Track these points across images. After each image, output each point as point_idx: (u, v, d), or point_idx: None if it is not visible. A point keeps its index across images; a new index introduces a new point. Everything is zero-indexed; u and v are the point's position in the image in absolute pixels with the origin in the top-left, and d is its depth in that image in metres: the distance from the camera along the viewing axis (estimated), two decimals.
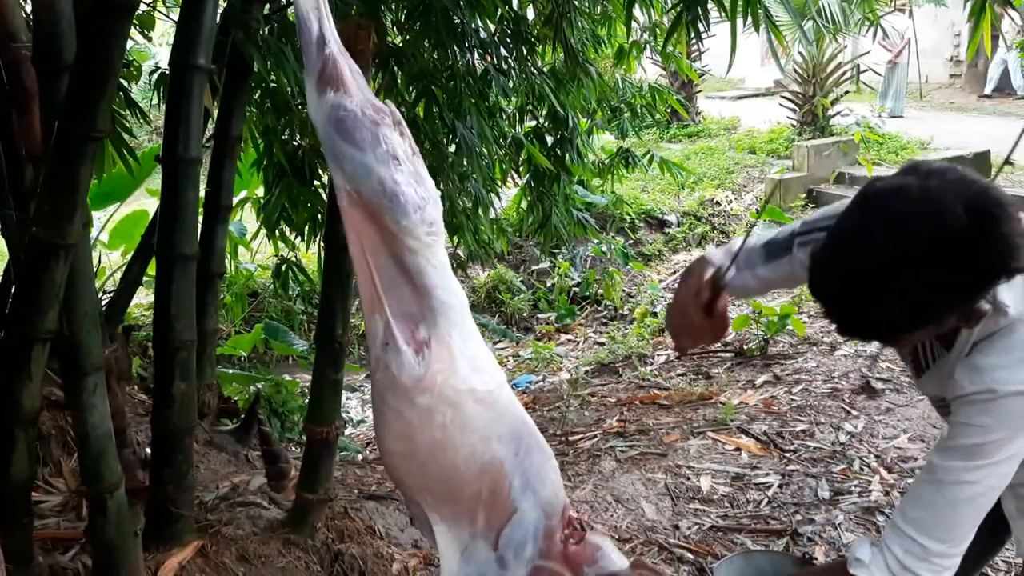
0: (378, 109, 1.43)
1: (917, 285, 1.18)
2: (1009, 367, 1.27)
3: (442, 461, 1.46)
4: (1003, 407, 1.26)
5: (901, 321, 1.23)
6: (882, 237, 1.19)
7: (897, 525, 1.35)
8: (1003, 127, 12.95)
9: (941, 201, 1.17)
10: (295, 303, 7.49)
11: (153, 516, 2.13)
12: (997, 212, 1.17)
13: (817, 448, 3.74)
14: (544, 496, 1.54)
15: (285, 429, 4.47)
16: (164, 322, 2.09)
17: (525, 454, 1.52)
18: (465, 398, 1.45)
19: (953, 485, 1.30)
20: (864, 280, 1.21)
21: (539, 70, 4.15)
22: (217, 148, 3.02)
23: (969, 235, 1.16)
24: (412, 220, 1.41)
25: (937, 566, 1.31)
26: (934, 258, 1.17)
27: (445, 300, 1.47)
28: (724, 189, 10.89)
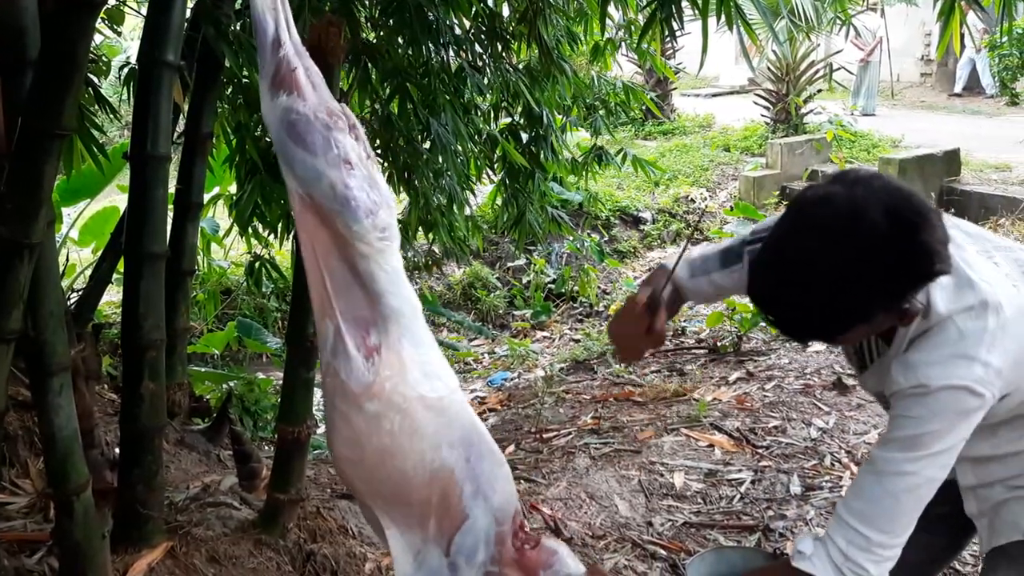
0: (332, 113, 1.42)
1: (844, 289, 1.25)
2: (940, 363, 1.31)
3: (391, 467, 1.46)
4: (936, 400, 1.30)
5: (832, 323, 1.31)
6: (810, 244, 1.26)
7: (840, 517, 1.38)
8: (972, 125, 13.13)
9: (865, 209, 1.23)
10: (269, 300, 7.44)
11: (122, 517, 2.11)
12: (917, 220, 1.24)
13: (789, 444, 3.77)
14: (495, 503, 1.55)
15: (258, 428, 4.44)
16: (132, 321, 2.07)
17: (476, 460, 1.52)
18: (414, 405, 1.45)
19: (893, 476, 1.34)
20: (795, 285, 1.28)
21: (514, 67, 4.15)
22: (188, 145, 2.99)
23: (890, 242, 1.22)
24: (364, 225, 1.41)
25: (878, 556, 1.34)
26: (858, 264, 1.23)
27: (396, 306, 1.46)
28: (699, 186, 10.95)
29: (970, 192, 9.82)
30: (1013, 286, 1.36)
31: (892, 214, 1.23)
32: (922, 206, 1.26)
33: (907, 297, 1.28)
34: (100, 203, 6.31)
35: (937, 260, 1.25)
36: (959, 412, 1.31)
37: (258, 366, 6.50)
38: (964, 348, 1.31)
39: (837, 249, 1.24)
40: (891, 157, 10.42)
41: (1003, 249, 1.45)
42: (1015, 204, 7.81)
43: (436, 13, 3.52)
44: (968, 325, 1.32)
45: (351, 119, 1.45)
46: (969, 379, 1.30)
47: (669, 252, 9.67)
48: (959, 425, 1.32)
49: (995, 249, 1.43)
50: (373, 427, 1.42)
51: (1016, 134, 9.82)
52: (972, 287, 1.33)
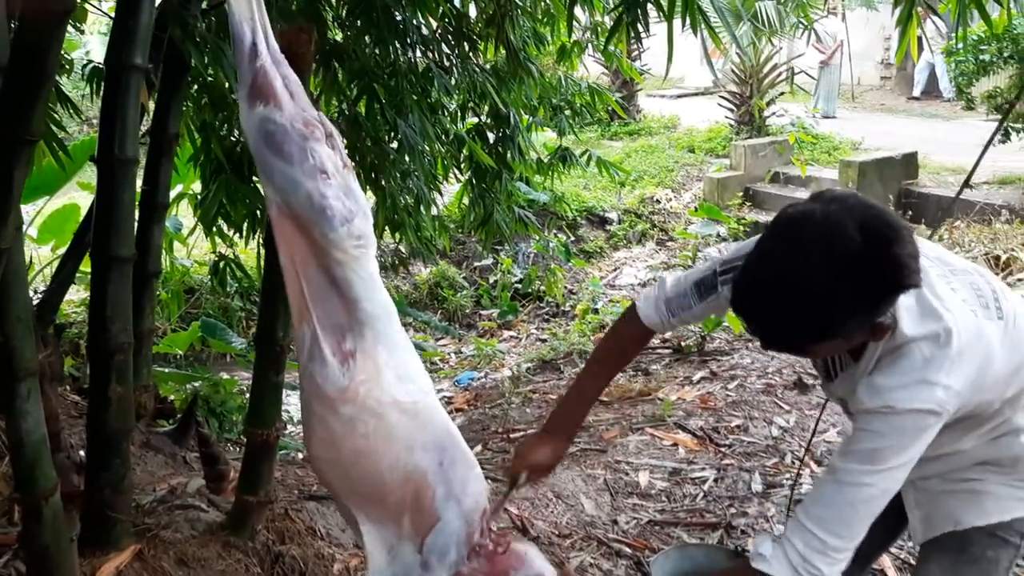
0: (308, 123, 1.44)
1: (822, 302, 1.31)
2: (905, 387, 1.39)
3: (366, 468, 1.50)
4: (900, 420, 1.39)
5: (811, 334, 1.37)
6: (790, 260, 1.32)
7: (799, 521, 1.45)
8: (929, 129, 13.38)
9: (840, 225, 1.31)
10: (233, 300, 7.38)
11: (89, 521, 2.10)
12: (889, 234, 1.31)
13: (751, 443, 3.84)
14: (466, 506, 1.59)
15: (224, 429, 4.42)
16: (100, 324, 2.06)
17: (449, 464, 1.56)
18: (389, 409, 1.48)
19: (853, 486, 1.42)
20: (776, 299, 1.35)
21: (481, 68, 4.17)
22: (154, 146, 2.97)
23: (864, 255, 1.29)
24: (339, 233, 1.44)
25: (833, 559, 1.43)
26: (835, 277, 1.30)
27: (371, 312, 1.49)
28: (664, 187, 11.04)
29: (927, 195, 10.01)
30: (971, 311, 1.45)
31: (866, 229, 1.30)
32: (894, 221, 1.33)
33: (881, 310, 1.35)
34: (60, 200, 6.22)
35: (909, 272, 1.31)
36: (919, 430, 1.40)
37: (222, 366, 6.46)
38: (927, 374, 1.39)
39: (815, 264, 1.30)
40: (851, 160, 10.60)
41: (960, 273, 1.52)
42: (970, 207, 7.99)
43: (403, 13, 3.53)
44: (932, 352, 1.39)
45: (328, 127, 1.47)
46: (932, 403, 1.38)
47: (635, 252, 9.75)
48: (917, 442, 1.41)
49: (952, 273, 1.51)
50: (348, 430, 1.45)
51: (972, 138, 10.03)
52: (936, 315, 1.40)
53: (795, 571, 1.43)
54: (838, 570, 1.44)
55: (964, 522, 1.64)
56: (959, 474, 1.64)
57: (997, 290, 1.52)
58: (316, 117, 1.47)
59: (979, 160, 5.41)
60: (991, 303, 1.49)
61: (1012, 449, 1.59)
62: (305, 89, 1.90)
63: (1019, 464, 1.60)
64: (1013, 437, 1.58)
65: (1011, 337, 1.49)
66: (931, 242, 1.67)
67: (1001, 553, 1.64)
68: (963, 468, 1.63)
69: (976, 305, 1.47)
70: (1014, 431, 1.58)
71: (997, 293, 1.52)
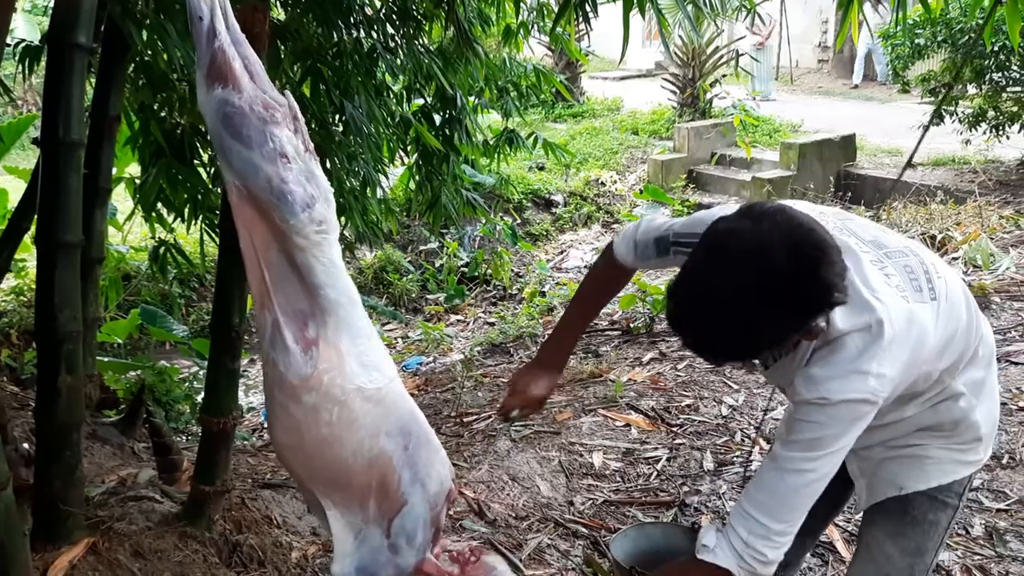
0: (268, 105, 1.42)
1: (750, 321, 1.35)
2: (839, 378, 1.44)
3: (330, 455, 1.49)
4: (836, 410, 1.44)
5: (742, 348, 1.42)
6: (719, 278, 1.36)
7: (743, 508, 1.50)
8: (867, 111, 13.68)
9: (769, 244, 1.33)
10: (172, 286, 7.23)
11: (40, 515, 2.04)
12: (817, 255, 1.34)
13: (702, 422, 3.89)
14: (432, 490, 1.60)
15: (170, 419, 4.33)
16: (47, 313, 2.00)
17: (414, 449, 1.56)
18: (352, 396, 1.48)
19: (794, 473, 1.47)
20: (705, 317, 1.39)
21: (427, 48, 4.12)
22: (94, 129, 2.88)
23: (792, 277, 1.33)
24: (300, 219, 1.42)
25: (776, 542, 1.48)
26: (762, 295, 1.33)
27: (334, 298, 1.48)
28: (609, 169, 11.10)
29: (865, 176, 10.25)
30: (902, 297, 1.49)
31: (794, 250, 1.33)
32: (821, 242, 1.36)
33: (810, 324, 1.39)
34: None
35: (835, 292, 1.35)
36: (854, 418, 1.45)
37: (161, 354, 6.32)
38: (859, 364, 1.43)
39: (743, 285, 1.33)
40: (792, 142, 10.78)
41: (895, 255, 1.56)
42: (906, 187, 8.19)
43: None
44: (864, 343, 1.44)
45: (293, 110, 1.43)
46: (865, 392, 1.43)
47: (581, 235, 9.79)
48: (854, 428, 1.47)
49: (887, 257, 1.55)
50: (311, 418, 1.44)
51: (907, 120, 10.28)
52: (868, 307, 1.44)
53: (740, 558, 1.48)
54: (782, 552, 1.49)
55: (906, 487, 1.70)
56: (901, 440, 1.70)
57: (930, 269, 1.57)
58: (278, 99, 1.43)
59: (918, 144, 5.56)
60: (924, 285, 1.53)
61: (952, 413, 1.65)
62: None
63: (958, 427, 1.67)
64: (952, 402, 1.64)
65: (944, 313, 1.54)
66: (868, 221, 1.71)
67: (940, 515, 1.71)
68: (906, 435, 1.69)
69: (909, 290, 1.51)
70: (953, 396, 1.64)
71: (930, 273, 1.56)
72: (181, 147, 3.41)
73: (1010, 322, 4.69)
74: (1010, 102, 9.04)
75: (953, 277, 1.63)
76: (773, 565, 1.49)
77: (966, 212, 7.01)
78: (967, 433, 1.67)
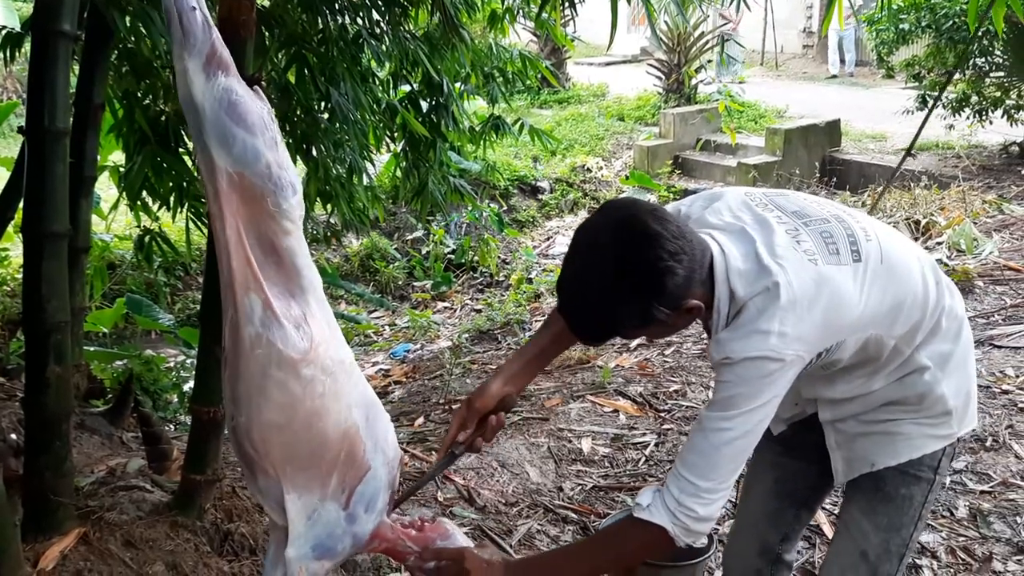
0: (256, 94, 1.47)
1: (595, 303, 1.49)
2: (740, 339, 1.50)
3: (315, 429, 1.56)
4: (741, 368, 1.50)
5: (602, 329, 1.55)
6: (569, 268, 1.52)
7: (676, 469, 1.56)
8: (851, 96, 13.72)
9: (598, 233, 1.49)
10: (157, 275, 7.19)
11: (30, 505, 2.03)
12: (641, 240, 1.45)
13: (689, 407, 3.92)
14: (389, 455, 1.69)
15: (158, 408, 4.32)
16: (35, 303, 1.98)
17: (374, 419, 1.65)
18: (338, 368, 1.56)
19: (714, 432, 1.53)
20: (566, 301, 1.55)
21: (412, 35, 4.10)
22: (78, 117, 2.85)
23: (616, 257, 1.45)
24: (291, 203, 1.48)
25: (706, 500, 1.53)
26: (599, 283, 1.47)
27: (312, 279, 1.56)
28: (595, 155, 11.10)
29: (850, 161, 10.30)
30: (810, 260, 1.54)
31: (619, 237, 1.46)
32: (644, 226, 1.46)
33: (660, 302, 1.48)
34: None
35: (664, 273, 1.45)
36: (761, 376, 1.50)
37: (147, 343, 6.30)
38: (758, 324, 1.49)
39: (583, 273, 1.49)
40: (777, 127, 10.82)
41: (814, 223, 1.61)
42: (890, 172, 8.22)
43: None
44: (763, 304, 1.50)
45: (266, 102, 1.46)
46: (764, 349, 1.48)
47: (567, 221, 9.80)
48: (765, 387, 1.51)
49: (804, 225, 1.60)
50: (308, 391, 1.51)
51: (892, 105, 10.33)
52: (767, 272, 1.51)
53: (673, 515, 1.53)
54: (714, 509, 1.55)
55: (878, 463, 1.74)
56: (873, 415, 1.73)
57: (857, 234, 1.60)
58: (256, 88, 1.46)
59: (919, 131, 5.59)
60: (844, 247, 1.57)
61: (917, 387, 1.68)
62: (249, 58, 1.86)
63: (925, 401, 1.69)
64: (917, 375, 1.67)
65: (873, 276, 1.57)
66: (801, 195, 1.76)
67: (914, 490, 1.74)
68: (875, 409, 1.72)
69: (822, 253, 1.55)
70: (918, 370, 1.67)
71: (856, 236, 1.60)
72: (166, 135, 3.38)
73: (993, 306, 4.74)
74: (993, 87, 9.10)
75: (895, 243, 1.66)
76: (706, 522, 1.55)
77: (950, 197, 7.06)
78: (935, 407, 1.70)
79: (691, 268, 1.48)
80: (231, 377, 1.54)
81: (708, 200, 1.70)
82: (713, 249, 1.54)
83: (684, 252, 1.47)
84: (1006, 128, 9.41)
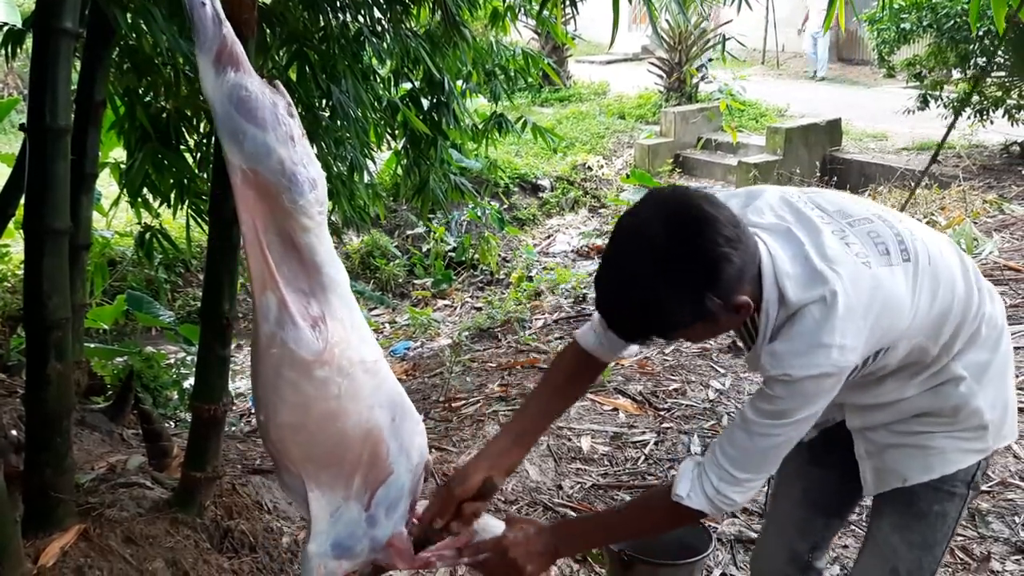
0: (273, 91, 1.45)
1: (646, 299, 1.41)
2: (801, 354, 1.45)
3: (332, 430, 1.54)
4: (800, 386, 1.46)
5: (652, 327, 1.46)
6: (616, 263, 1.44)
7: (716, 457, 1.56)
8: (852, 96, 13.72)
9: (647, 222, 1.40)
10: (158, 272, 7.19)
11: (31, 502, 2.04)
12: (693, 225, 1.38)
13: (689, 406, 3.92)
14: (414, 460, 1.67)
15: (158, 405, 4.32)
16: (36, 300, 1.99)
17: (400, 420, 1.62)
18: (357, 369, 1.52)
19: (760, 436, 1.52)
20: (612, 301, 1.47)
21: (414, 32, 4.10)
22: (79, 114, 2.85)
23: (668, 248, 1.37)
24: (308, 199, 1.45)
25: (744, 488, 1.55)
26: (651, 274, 1.38)
27: (335, 277, 1.53)
28: (595, 154, 11.10)
29: (851, 160, 10.30)
30: (863, 264, 1.48)
31: (671, 223, 1.38)
32: (699, 212, 1.39)
33: (714, 293, 1.39)
34: None
35: (720, 259, 1.37)
36: (819, 392, 1.48)
37: (148, 340, 6.31)
38: (820, 338, 1.43)
39: (631, 265, 1.40)
40: (778, 126, 10.81)
41: (859, 223, 1.55)
42: (891, 172, 8.24)
43: None
44: (821, 314, 1.44)
45: (287, 97, 1.45)
46: (827, 366, 1.44)
47: (568, 219, 9.80)
48: (819, 400, 1.49)
49: (849, 226, 1.54)
50: (321, 392, 1.49)
51: (892, 104, 10.33)
52: (821, 279, 1.45)
53: (711, 502, 1.55)
54: (749, 496, 1.58)
55: (911, 479, 1.68)
56: (905, 426, 1.68)
57: (903, 232, 1.55)
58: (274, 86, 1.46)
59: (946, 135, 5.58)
60: (894, 247, 1.52)
61: (951, 399, 1.63)
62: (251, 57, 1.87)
63: (959, 414, 1.64)
64: (952, 386, 1.62)
65: (927, 275, 1.52)
66: (838, 193, 1.71)
67: (948, 506, 1.69)
68: (907, 419, 1.67)
69: (873, 254, 1.50)
70: (952, 380, 1.62)
71: (902, 235, 1.54)
72: (167, 132, 3.39)
73: None
74: (994, 87, 9.09)
75: (940, 244, 1.61)
76: (739, 506, 1.59)
77: (950, 197, 7.07)
78: (970, 420, 1.64)
79: (744, 260, 1.41)
80: (252, 375, 1.56)
81: (747, 198, 1.62)
82: (760, 248, 1.47)
83: (740, 241, 1.40)
84: (1007, 128, 9.40)
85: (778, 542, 1.99)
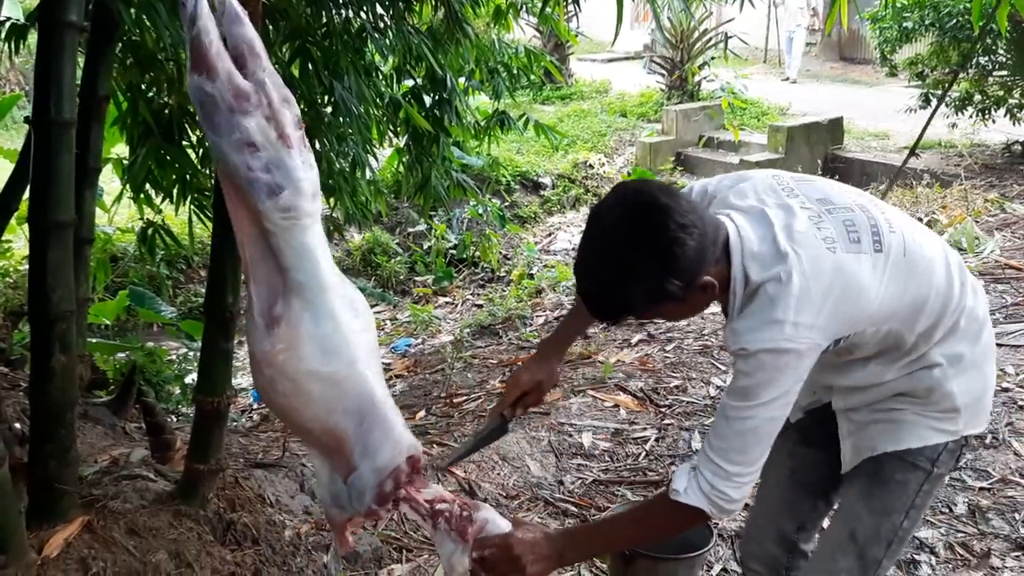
0: (239, 93, 1.42)
1: (605, 280, 1.52)
2: (755, 329, 1.51)
3: (291, 418, 1.62)
4: (757, 360, 1.51)
5: (617, 305, 1.56)
6: (583, 248, 1.54)
7: (705, 453, 1.59)
8: (854, 94, 13.71)
9: (608, 209, 1.51)
10: (160, 268, 7.20)
11: (35, 493, 2.05)
12: (650, 212, 1.46)
13: (690, 402, 3.93)
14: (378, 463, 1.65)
15: (160, 399, 4.33)
16: (41, 293, 2.00)
17: (368, 428, 1.62)
18: (304, 378, 1.54)
19: (736, 420, 1.55)
20: (580, 281, 1.58)
21: (416, 29, 4.11)
22: (83, 108, 2.85)
23: (622, 232, 1.47)
24: (267, 206, 1.46)
25: (736, 483, 1.56)
26: (607, 258, 1.50)
27: (302, 281, 1.52)
28: (597, 152, 11.10)
29: (852, 159, 10.29)
30: (828, 248, 1.53)
31: (628, 211, 1.48)
32: (653, 199, 1.47)
33: (673, 277, 1.47)
34: None
35: (672, 243, 1.45)
36: (777, 367, 1.51)
37: (149, 335, 6.32)
38: (773, 314, 1.49)
39: (593, 249, 1.52)
40: (780, 125, 10.81)
41: (838, 210, 1.61)
42: (893, 171, 8.23)
43: None
44: (775, 292, 1.50)
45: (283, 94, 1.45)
46: (779, 340, 1.49)
47: (569, 217, 9.80)
48: (782, 376, 1.52)
49: (828, 212, 1.60)
50: (270, 389, 1.55)
51: (894, 103, 10.32)
52: (780, 258, 1.51)
53: (707, 498, 1.56)
54: (746, 491, 1.58)
55: (879, 448, 1.76)
56: (882, 404, 1.75)
57: (880, 225, 1.60)
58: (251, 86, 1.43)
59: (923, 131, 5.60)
60: (867, 237, 1.57)
61: (924, 381, 1.70)
62: None
63: (932, 395, 1.70)
64: (927, 371, 1.69)
65: (899, 267, 1.57)
66: (828, 181, 1.75)
67: (910, 476, 1.75)
68: (886, 399, 1.74)
69: (842, 241, 1.55)
70: (928, 366, 1.68)
71: (879, 227, 1.59)
72: (169, 127, 3.39)
73: (994, 304, 4.74)
74: (996, 86, 9.09)
75: (921, 238, 1.65)
76: (737, 503, 1.59)
77: (952, 195, 7.07)
78: (942, 402, 1.71)
79: (702, 243, 1.48)
80: None
81: (735, 181, 1.70)
82: (729, 229, 1.54)
83: (695, 226, 1.47)
84: (1009, 127, 9.40)
85: (767, 522, 2.05)
